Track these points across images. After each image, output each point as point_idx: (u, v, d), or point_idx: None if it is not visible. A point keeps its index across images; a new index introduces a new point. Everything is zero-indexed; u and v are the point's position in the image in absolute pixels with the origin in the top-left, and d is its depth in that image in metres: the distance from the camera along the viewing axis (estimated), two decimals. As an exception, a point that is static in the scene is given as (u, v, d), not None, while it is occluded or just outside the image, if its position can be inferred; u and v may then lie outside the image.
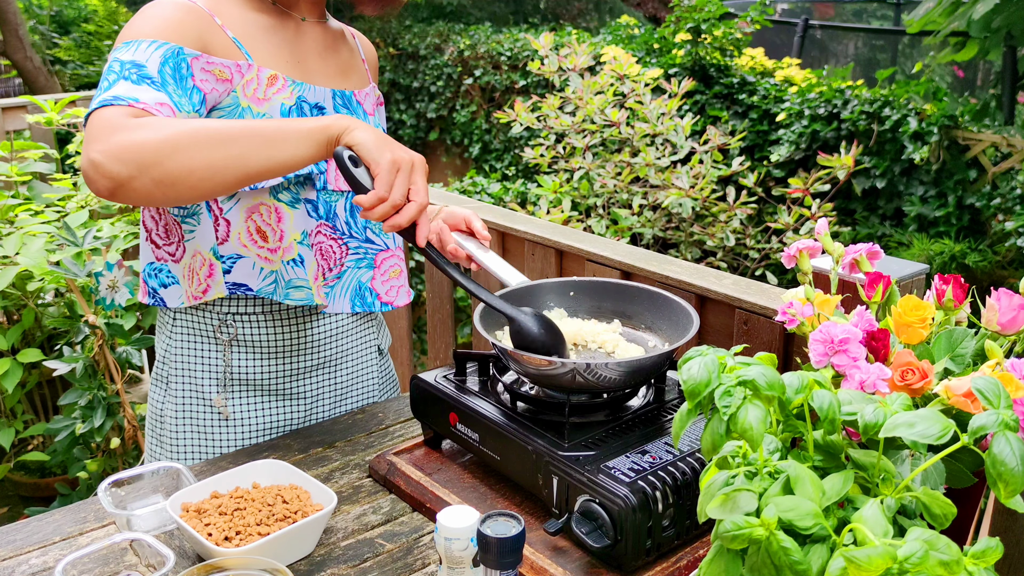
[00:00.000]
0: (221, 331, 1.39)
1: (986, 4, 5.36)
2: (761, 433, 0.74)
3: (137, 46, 1.19)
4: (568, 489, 1.09)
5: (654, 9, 8.47)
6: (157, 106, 1.14)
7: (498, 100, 7.63)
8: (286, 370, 1.44)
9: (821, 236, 1.12)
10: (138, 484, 1.22)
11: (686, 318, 1.27)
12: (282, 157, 1.12)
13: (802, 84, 6.12)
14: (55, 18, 9.60)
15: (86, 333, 2.41)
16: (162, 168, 1.08)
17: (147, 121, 1.10)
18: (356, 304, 1.45)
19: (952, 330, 0.96)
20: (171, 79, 1.18)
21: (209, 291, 1.36)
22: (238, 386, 1.42)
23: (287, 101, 1.32)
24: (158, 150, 1.07)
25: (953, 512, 0.74)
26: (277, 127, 1.14)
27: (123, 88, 1.14)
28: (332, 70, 1.44)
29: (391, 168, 1.10)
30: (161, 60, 1.18)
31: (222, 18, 1.30)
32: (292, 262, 1.36)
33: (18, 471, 2.99)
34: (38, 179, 3.21)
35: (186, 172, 1.08)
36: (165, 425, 1.44)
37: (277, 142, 1.11)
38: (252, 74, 1.29)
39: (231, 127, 1.12)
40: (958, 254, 5.16)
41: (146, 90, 1.15)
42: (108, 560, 1.13)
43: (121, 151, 1.07)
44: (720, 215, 3.31)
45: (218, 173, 1.10)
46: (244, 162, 1.11)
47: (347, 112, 1.41)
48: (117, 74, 1.16)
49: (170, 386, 1.43)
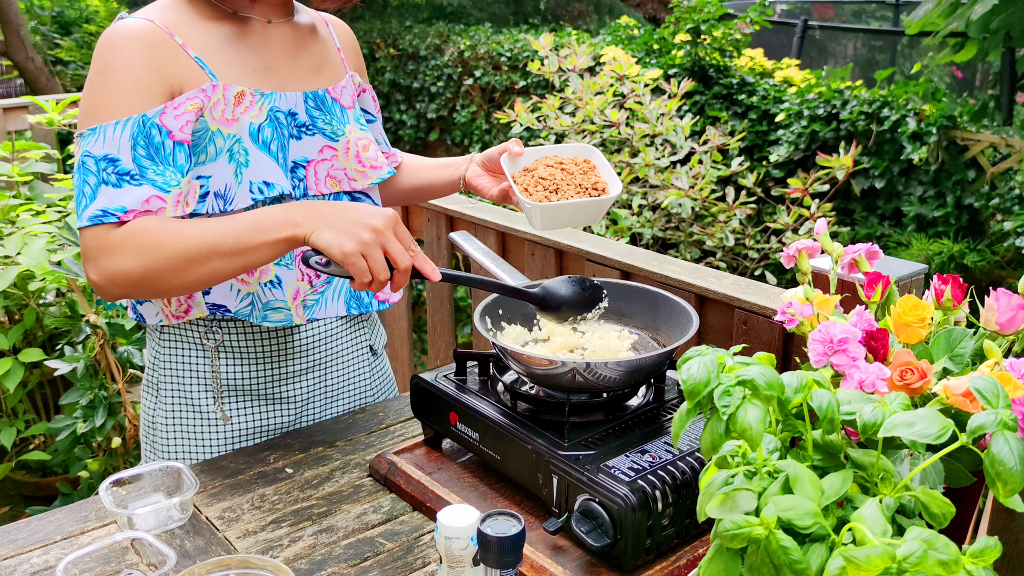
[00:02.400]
0: (207, 338, 1.39)
1: (984, 5, 5.36)
2: (760, 433, 0.75)
3: (104, 134, 1.20)
4: (568, 488, 1.10)
5: (654, 10, 8.48)
6: (143, 204, 1.19)
7: (498, 100, 7.63)
8: (274, 375, 1.43)
9: (820, 236, 1.12)
10: (139, 483, 1.23)
11: (686, 318, 1.28)
12: (253, 264, 1.19)
13: (801, 85, 6.12)
14: (56, 19, 9.60)
15: (87, 333, 2.42)
16: (151, 288, 1.20)
17: (126, 239, 1.18)
18: (352, 306, 1.45)
19: (951, 330, 0.96)
20: (147, 160, 1.20)
21: (191, 311, 1.35)
22: (227, 391, 1.41)
23: (256, 119, 1.30)
24: (143, 275, 1.18)
25: (952, 511, 0.74)
26: (244, 239, 1.17)
27: (107, 198, 1.18)
28: (304, 70, 1.40)
29: (358, 257, 1.12)
30: (132, 142, 1.20)
31: (183, 35, 1.27)
32: (270, 284, 1.34)
33: (19, 470, 2.99)
34: (39, 179, 3.21)
35: (174, 288, 1.21)
36: (157, 432, 1.44)
37: (245, 253, 1.17)
38: (218, 95, 1.27)
39: (199, 246, 1.17)
40: (957, 254, 5.16)
41: (128, 191, 1.19)
42: (109, 559, 1.13)
43: (113, 276, 1.19)
44: (719, 215, 3.31)
45: (202, 284, 1.21)
46: (220, 275, 1.20)
47: (320, 114, 1.38)
48: (95, 176, 1.19)
49: (160, 393, 1.43)
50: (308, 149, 1.37)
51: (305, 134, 1.37)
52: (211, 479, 1.33)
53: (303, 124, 1.37)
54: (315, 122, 1.38)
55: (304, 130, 1.37)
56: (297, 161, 1.37)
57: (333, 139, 1.39)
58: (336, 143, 1.39)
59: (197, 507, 1.25)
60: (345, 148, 1.40)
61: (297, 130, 1.36)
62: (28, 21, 8.18)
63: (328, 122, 1.39)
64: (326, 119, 1.39)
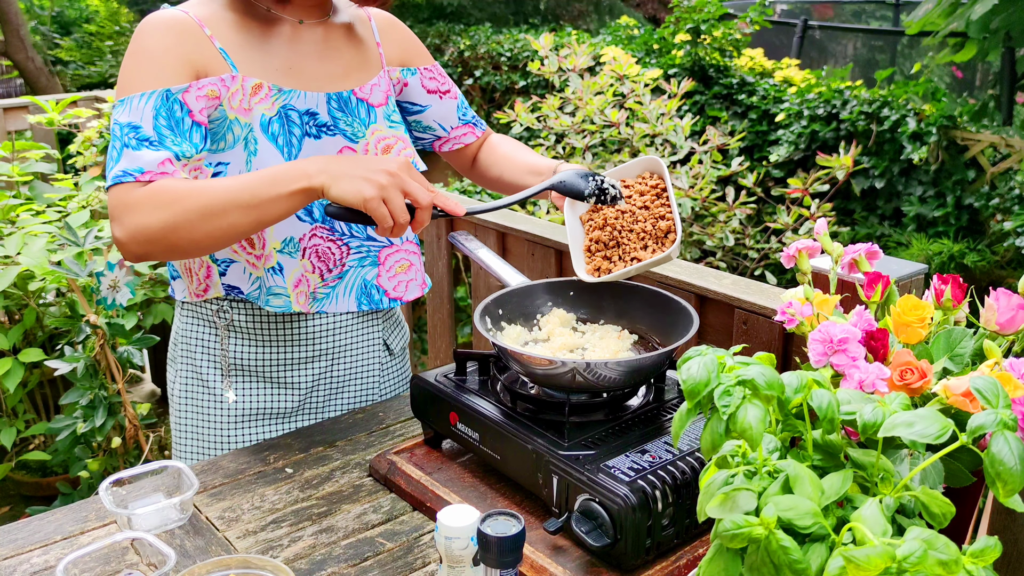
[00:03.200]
0: (219, 316, 1.45)
1: (984, 5, 5.36)
2: (760, 432, 0.75)
3: (130, 104, 1.26)
4: (568, 488, 1.10)
5: (654, 10, 8.48)
6: (159, 166, 1.24)
7: (498, 100, 7.64)
8: (281, 359, 1.47)
9: (820, 236, 1.12)
10: (139, 483, 1.23)
11: (686, 318, 1.28)
12: (270, 218, 1.22)
13: (801, 85, 6.13)
14: (56, 19, 9.61)
15: (87, 333, 2.42)
16: (169, 241, 1.23)
17: (147, 197, 1.22)
18: (363, 303, 1.47)
19: (951, 330, 0.96)
20: (167, 130, 1.26)
21: (209, 290, 1.43)
22: (235, 370, 1.46)
23: (268, 112, 1.34)
24: (162, 229, 1.21)
25: (952, 511, 0.74)
26: (261, 191, 1.20)
27: (128, 159, 1.24)
28: (332, 72, 1.42)
29: (379, 203, 1.17)
30: (154, 112, 1.26)
31: (212, 28, 1.33)
32: (272, 270, 1.38)
33: (19, 470, 3.00)
34: (39, 179, 3.22)
35: (190, 243, 1.23)
36: (174, 403, 1.53)
37: (262, 206, 1.21)
38: (237, 85, 1.32)
39: (217, 199, 1.20)
40: (957, 254, 5.17)
41: (146, 153, 1.24)
42: (109, 559, 1.13)
43: (135, 233, 1.22)
44: (719, 215, 3.31)
45: (218, 240, 1.23)
46: (236, 229, 1.22)
47: (343, 115, 1.41)
48: (120, 141, 1.25)
49: (176, 366, 1.51)
50: (326, 148, 1.39)
51: (325, 134, 1.39)
52: (211, 479, 1.33)
53: (324, 124, 1.40)
54: (337, 123, 1.40)
55: (325, 130, 1.39)
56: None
57: (353, 140, 1.42)
58: (356, 144, 1.42)
59: (197, 507, 1.25)
60: (364, 149, 1.43)
61: (317, 129, 1.39)
62: (28, 21, 8.19)
63: (350, 123, 1.42)
64: (348, 120, 1.42)
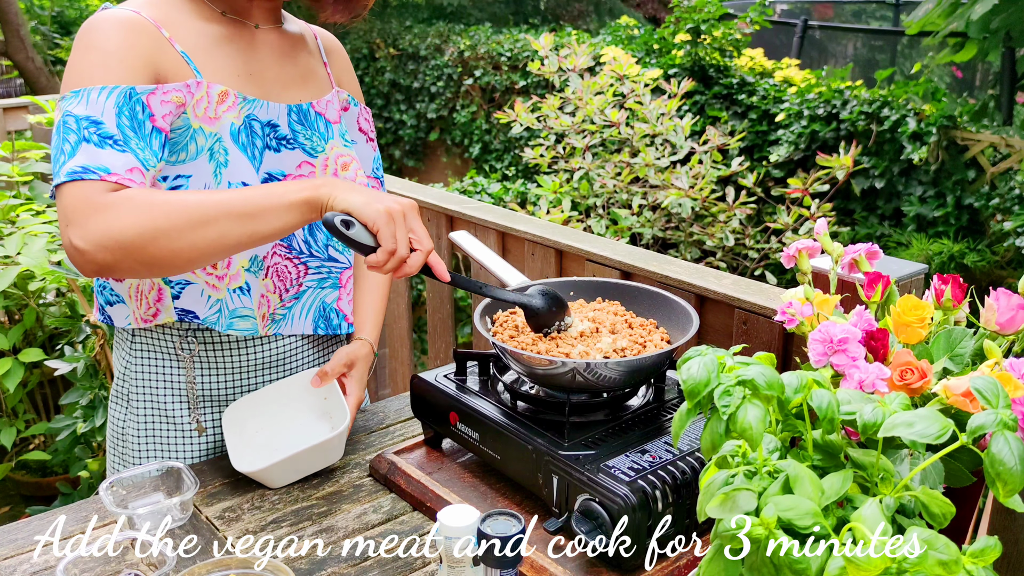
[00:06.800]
0: (182, 348, 1.34)
1: (985, 5, 5.36)
2: (760, 432, 0.75)
3: (87, 96, 1.13)
4: (568, 488, 1.10)
5: (654, 10, 8.48)
6: (127, 173, 1.11)
7: (498, 100, 7.64)
8: (247, 387, 1.39)
9: (820, 236, 1.12)
10: (139, 483, 1.23)
11: (686, 318, 1.28)
12: (265, 231, 1.12)
13: (801, 85, 6.12)
14: (56, 19, 9.60)
15: (87, 333, 2.42)
16: (146, 252, 1.08)
17: (122, 200, 1.08)
18: (320, 326, 1.41)
19: (951, 330, 0.96)
20: (131, 131, 1.14)
21: (159, 315, 1.30)
22: (202, 401, 1.38)
23: (236, 121, 1.26)
24: (140, 235, 1.07)
25: (952, 511, 0.74)
26: (257, 200, 1.11)
27: (87, 155, 1.10)
28: (290, 78, 1.37)
29: (389, 221, 1.09)
30: (116, 109, 1.13)
31: (171, 30, 1.23)
32: (239, 290, 1.30)
33: (19, 470, 2.99)
34: (39, 179, 3.21)
35: (170, 255, 1.09)
36: (128, 442, 1.39)
37: (258, 216, 1.10)
38: (202, 92, 1.23)
39: (208, 205, 1.09)
40: (957, 254, 5.17)
41: (111, 154, 1.11)
42: (109, 559, 1.13)
43: (103, 238, 1.07)
44: (719, 215, 3.31)
45: (203, 253, 1.11)
46: (225, 241, 1.11)
47: (302, 128, 1.35)
48: (76, 134, 1.11)
49: (131, 404, 1.38)
50: (286, 163, 1.33)
51: (285, 147, 1.33)
52: (211, 479, 1.33)
53: (284, 137, 1.33)
54: (296, 136, 1.34)
55: (284, 143, 1.33)
56: (272, 173, 1.32)
57: (312, 155, 1.36)
58: (315, 159, 1.36)
59: (197, 507, 1.25)
60: (324, 165, 1.37)
61: (277, 142, 1.32)
62: (28, 21, 8.18)
63: (309, 137, 1.36)
64: (307, 134, 1.36)
